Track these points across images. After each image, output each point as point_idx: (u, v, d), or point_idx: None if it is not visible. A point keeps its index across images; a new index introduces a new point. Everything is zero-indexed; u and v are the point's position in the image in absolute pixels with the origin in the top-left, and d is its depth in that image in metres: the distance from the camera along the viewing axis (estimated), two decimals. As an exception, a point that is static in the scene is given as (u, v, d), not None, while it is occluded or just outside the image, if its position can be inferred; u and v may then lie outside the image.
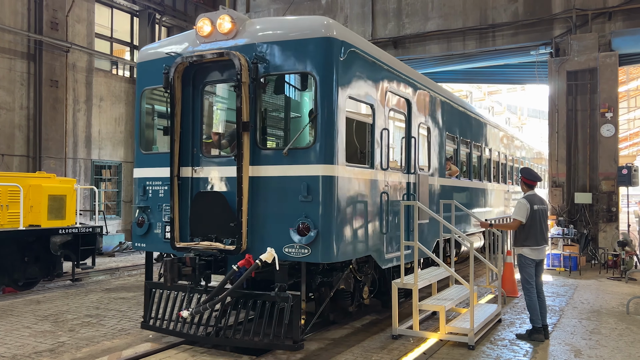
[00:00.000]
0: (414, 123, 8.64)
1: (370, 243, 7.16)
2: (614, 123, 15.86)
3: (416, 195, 8.55)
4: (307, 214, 6.18)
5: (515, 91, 43.18)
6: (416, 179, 8.61)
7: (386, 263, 7.69)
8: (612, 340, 7.41)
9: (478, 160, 13.21)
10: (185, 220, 6.97)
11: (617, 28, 15.97)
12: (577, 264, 14.10)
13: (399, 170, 8.24)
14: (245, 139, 6.47)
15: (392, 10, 19.01)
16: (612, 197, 15.84)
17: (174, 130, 6.92)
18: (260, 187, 6.50)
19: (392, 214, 7.81)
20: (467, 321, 7.14)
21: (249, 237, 6.49)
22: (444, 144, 10.25)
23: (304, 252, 6.19)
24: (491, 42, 17.72)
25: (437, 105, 9.97)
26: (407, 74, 8.60)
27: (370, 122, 7.32)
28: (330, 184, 6.25)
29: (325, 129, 6.26)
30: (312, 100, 6.43)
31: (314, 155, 6.28)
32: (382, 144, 7.49)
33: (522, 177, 7.82)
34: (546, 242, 7.77)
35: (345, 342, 7.21)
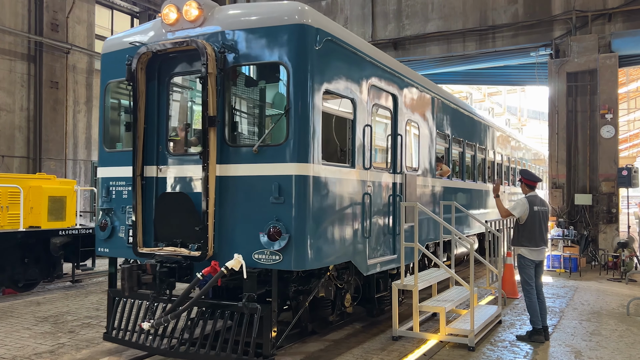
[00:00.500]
0: (400, 120, 8.15)
1: (350, 248, 6.65)
2: (614, 124, 15.86)
3: (403, 196, 8.02)
4: (278, 217, 5.69)
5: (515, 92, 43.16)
6: (403, 179, 8.08)
7: (369, 269, 7.12)
8: (612, 341, 7.41)
9: (472, 160, 12.67)
10: (149, 223, 6.47)
11: (617, 29, 15.98)
12: (577, 265, 14.10)
13: (384, 170, 7.73)
14: (211, 135, 5.96)
15: (392, 12, 19.02)
16: (612, 198, 15.84)
17: (137, 126, 6.40)
18: (229, 187, 6.03)
19: (376, 216, 7.31)
20: (468, 322, 7.14)
21: (216, 243, 6.02)
22: (435, 143, 9.77)
23: (275, 258, 5.71)
24: (491, 44, 17.73)
25: (427, 101, 9.48)
26: (393, 67, 8.07)
27: (351, 117, 6.81)
28: (304, 185, 5.75)
29: (299, 125, 5.76)
30: (285, 93, 5.89)
31: (286, 153, 5.78)
32: (364, 141, 7.00)
33: (522, 178, 7.83)
34: (545, 244, 7.77)
35: (345, 343, 7.21)
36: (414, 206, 7.73)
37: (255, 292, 5.75)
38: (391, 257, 7.72)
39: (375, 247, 7.34)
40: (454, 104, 11.19)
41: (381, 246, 7.51)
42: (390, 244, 7.77)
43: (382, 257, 7.48)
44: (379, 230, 7.44)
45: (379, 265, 7.41)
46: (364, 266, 7.01)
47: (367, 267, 7.09)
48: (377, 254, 7.39)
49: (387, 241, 7.68)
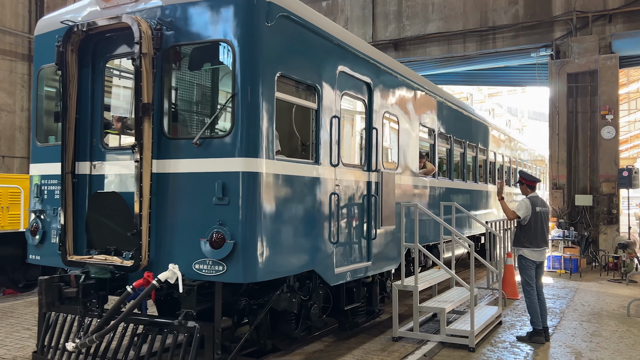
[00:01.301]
0: (376, 112, 7.36)
1: (313, 256, 5.91)
2: (615, 125, 15.86)
3: (378, 196, 7.23)
4: (222, 221, 4.97)
5: (516, 93, 43.21)
6: (379, 178, 7.31)
7: (336, 279, 6.37)
8: (612, 342, 7.40)
9: (461, 158, 11.76)
10: (81, 227, 5.74)
11: (617, 30, 15.98)
12: (578, 266, 14.09)
13: (357, 167, 7.02)
14: (146, 125, 5.20)
15: (392, 13, 19.03)
16: (613, 199, 15.84)
17: (67, 116, 5.62)
18: (168, 186, 5.29)
19: (346, 219, 6.61)
20: (468, 323, 7.13)
21: (153, 250, 5.27)
22: (417, 139, 8.96)
23: (218, 269, 4.98)
24: (491, 44, 17.74)
25: (409, 93, 8.67)
26: (367, 53, 7.30)
27: (314, 107, 6.03)
28: (253, 183, 5.04)
29: (247, 113, 5.03)
30: (231, 77, 5.17)
31: (232, 147, 5.05)
32: (331, 135, 6.26)
33: (522, 179, 7.83)
34: (547, 245, 7.77)
35: (345, 344, 7.20)
36: (415, 207, 7.72)
37: (194, 309, 5.01)
38: (365, 264, 7.00)
39: (345, 254, 6.61)
40: (440, 96, 10.33)
41: (353, 252, 6.78)
42: (364, 249, 7.06)
43: (353, 265, 6.73)
44: (349, 235, 6.72)
45: (350, 274, 6.63)
46: (330, 275, 6.23)
47: (334, 277, 6.32)
48: (348, 261, 6.65)
49: (360, 246, 6.98)
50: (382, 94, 7.63)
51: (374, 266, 7.18)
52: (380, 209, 7.21)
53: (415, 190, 8.81)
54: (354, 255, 6.83)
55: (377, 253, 7.27)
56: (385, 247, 7.51)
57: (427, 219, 8.80)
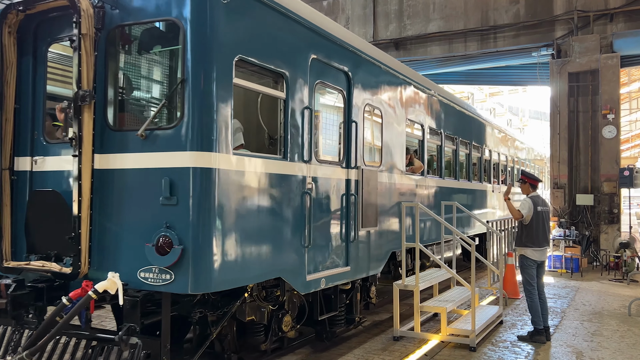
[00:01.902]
0: (356, 104, 6.87)
1: (280, 262, 5.40)
2: (616, 124, 15.85)
3: (359, 196, 6.75)
4: (170, 224, 4.46)
5: (517, 93, 43.17)
6: (359, 175, 6.82)
7: (308, 287, 5.84)
8: (613, 342, 7.40)
9: (454, 155, 11.18)
10: (21, 230, 5.20)
11: (618, 29, 15.97)
12: (579, 266, 14.08)
13: (334, 163, 6.49)
14: (86, 115, 4.66)
15: (393, 12, 19.02)
16: (614, 198, 15.83)
17: (3, 106, 5.11)
18: (113, 184, 4.78)
19: (321, 220, 6.13)
20: (469, 323, 7.13)
21: (95, 256, 4.75)
22: (404, 134, 8.40)
23: (165, 278, 4.45)
24: (492, 44, 17.72)
25: (394, 85, 8.11)
26: (345, 40, 6.76)
27: (282, 97, 5.49)
28: (205, 180, 4.52)
29: (199, 101, 4.52)
30: (181, 60, 4.63)
31: (181, 139, 4.53)
32: (303, 128, 5.74)
33: (524, 178, 7.83)
34: (548, 244, 7.77)
35: (346, 343, 7.21)
36: (417, 206, 7.72)
37: (138, 323, 4.56)
38: (343, 269, 6.50)
39: (320, 259, 6.09)
40: (430, 90, 9.71)
41: (329, 257, 6.25)
42: (342, 253, 6.55)
43: (329, 271, 6.21)
44: (325, 238, 6.19)
45: (325, 280, 6.09)
46: (300, 283, 5.72)
47: (306, 284, 5.78)
48: (323, 267, 6.14)
49: (337, 250, 6.44)
50: (363, 85, 7.10)
51: (353, 271, 6.70)
52: (360, 209, 6.74)
53: (401, 189, 8.26)
54: (331, 260, 6.28)
55: (357, 257, 6.83)
56: (366, 251, 7.07)
57: (421, 219, 8.49)
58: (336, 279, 6.41)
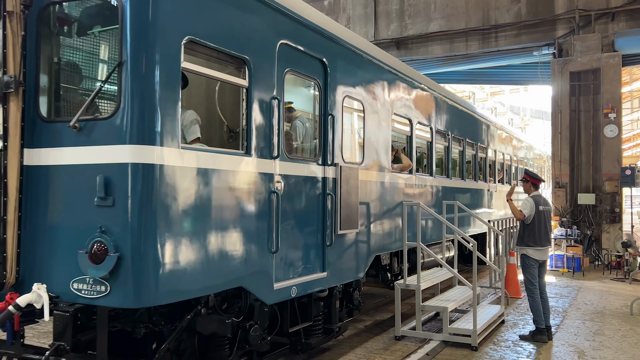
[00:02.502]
0: (334, 95, 6.29)
1: (241, 269, 4.83)
2: (617, 124, 15.84)
3: (336, 195, 6.18)
4: (105, 228, 3.92)
5: (518, 92, 43.13)
6: (337, 173, 6.24)
7: (276, 296, 5.26)
8: (615, 341, 7.39)
9: (446, 153, 10.58)
10: None
11: (620, 28, 15.95)
12: (581, 265, 14.07)
13: (308, 160, 5.98)
14: (12, 104, 4.13)
15: (394, 11, 19.02)
16: (616, 197, 15.81)
17: None
18: (46, 182, 4.24)
19: (291, 222, 5.55)
20: (470, 322, 7.13)
21: (24, 265, 4.21)
22: (390, 129, 7.83)
23: (100, 290, 3.92)
24: (494, 43, 17.71)
25: (379, 76, 7.55)
26: (321, 25, 6.15)
27: (244, 85, 4.92)
28: (147, 178, 3.95)
29: (138, 87, 3.96)
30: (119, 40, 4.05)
31: (118, 130, 3.96)
32: (270, 120, 5.18)
33: (528, 178, 7.82)
34: (549, 243, 7.78)
35: (348, 343, 7.21)
36: (418, 206, 7.70)
37: (69, 341, 4.11)
38: (318, 275, 5.93)
39: (290, 265, 5.54)
40: (419, 82, 9.08)
41: (301, 262, 5.69)
42: (317, 258, 5.97)
43: (302, 277, 5.64)
44: (296, 242, 5.62)
45: (296, 288, 5.53)
46: (266, 292, 5.15)
47: (273, 293, 5.24)
48: (294, 274, 5.57)
49: (311, 255, 5.87)
50: (342, 75, 6.54)
51: (331, 278, 6.13)
52: (338, 210, 6.16)
53: (387, 188, 7.67)
54: (303, 266, 5.72)
55: (335, 262, 6.24)
56: (346, 255, 6.52)
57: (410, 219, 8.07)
58: (310, 286, 5.79)
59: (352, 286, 7.01)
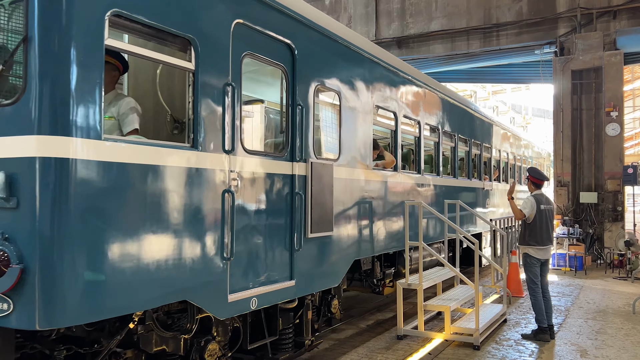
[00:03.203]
0: (303, 84, 5.64)
1: (184, 280, 4.15)
2: (619, 122, 15.82)
3: (306, 194, 5.59)
4: (8, 234, 3.33)
5: (520, 90, 43.12)
6: (307, 170, 5.65)
7: (230, 310, 4.62)
8: (618, 340, 7.38)
9: (435, 149, 9.91)
10: None
11: (622, 27, 15.92)
12: (583, 264, 14.05)
13: (272, 155, 5.34)
14: None
15: (395, 10, 19.01)
16: (618, 196, 15.79)
17: None
18: None
19: (251, 225, 4.91)
20: (472, 321, 7.12)
21: None
22: (371, 122, 7.27)
23: (2, 308, 3.35)
24: (495, 42, 17.69)
25: (358, 65, 6.95)
26: (287, 4, 5.45)
27: (190, 68, 4.27)
28: (60, 175, 3.34)
29: (48, 68, 3.35)
30: (24, 12, 3.42)
31: (24, 118, 3.35)
32: (223, 109, 4.54)
33: (529, 176, 7.81)
34: (551, 242, 7.76)
35: (350, 342, 7.21)
36: (420, 205, 7.69)
37: None
38: (284, 284, 5.27)
39: (250, 273, 4.89)
40: (405, 73, 8.39)
41: (264, 270, 5.06)
42: (284, 265, 5.33)
43: (264, 287, 5.01)
44: (257, 247, 4.99)
45: (256, 300, 4.89)
46: (217, 306, 4.50)
47: (228, 307, 4.59)
48: (254, 283, 4.92)
49: (276, 262, 5.23)
50: (314, 61, 5.90)
51: (300, 286, 5.51)
52: (309, 211, 5.57)
53: (367, 186, 7.07)
54: (267, 275, 5.09)
55: (306, 269, 5.63)
56: (318, 260, 5.89)
57: (389, 221, 7.56)
58: (275, 297, 5.19)
59: (331, 293, 6.57)
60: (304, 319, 5.99)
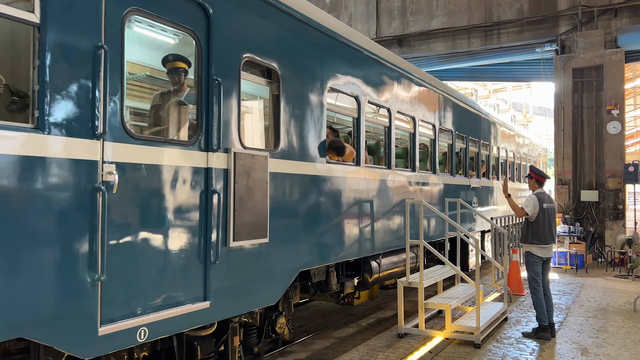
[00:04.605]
0: (223, 54, 4.57)
1: (24, 312, 3.12)
2: (620, 120, 15.81)
3: (228, 192, 4.53)
4: None
5: (521, 89, 43.05)
6: (229, 162, 4.57)
7: (101, 346, 3.54)
8: (619, 338, 7.38)
9: (411, 141, 8.72)
10: None
11: (623, 25, 15.90)
12: (584, 262, 14.05)
13: (175, 143, 4.27)
14: None
15: (396, 9, 18.99)
16: (619, 194, 15.79)
17: None
18: None
19: (136, 233, 3.83)
20: (473, 319, 7.13)
21: None
22: (324, 107, 6.10)
23: None
24: (496, 40, 17.68)
25: (305, 36, 5.82)
26: None
27: (34, 21, 3.24)
28: None
29: None
30: None
31: None
32: (93, 79, 3.52)
33: (531, 174, 7.79)
34: (554, 241, 7.75)
35: (351, 341, 7.22)
36: (421, 204, 7.68)
37: None
38: (195, 306, 4.21)
39: (136, 296, 3.80)
40: (370, 51, 7.34)
41: (159, 291, 3.96)
42: (194, 281, 4.26)
43: (160, 313, 3.92)
44: (148, 261, 3.89)
45: (146, 330, 3.83)
46: (80, 341, 3.42)
47: (96, 343, 3.50)
48: (144, 307, 3.84)
49: (180, 278, 4.13)
50: (239, 28, 4.83)
51: (218, 307, 4.44)
52: (231, 214, 4.52)
53: (319, 183, 6.00)
54: (165, 295, 4.01)
55: (227, 285, 4.54)
56: (246, 274, 4.79)
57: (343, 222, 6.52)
58: (179, 323, 4.11)
59: (276, 310, 5.64)
60: (229, 347, 4.96)
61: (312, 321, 8.48)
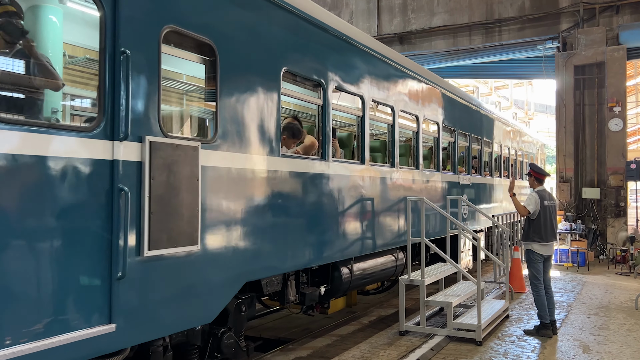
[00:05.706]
0: (134, 22, 3.79)
1: None
2: (622, 117, 15.78)
3: (141, 190, 3.74)
4: None
5: (522, 86, 43.00)
6: (143, 154, 3.78)
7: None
8: (620, 335, 7.38)
9: (390, 133, 7.93)
10: None
11: (624, 22, 15.87)
12: (585, 260, 14.05)
13: (67, 128, 3.46)
14: None
15: (397, 6, 18.96)
16: (621, 192, 15.77)
17: None
18: None
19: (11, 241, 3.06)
20: (475, 317, 7.13)
21: None
22: (278, 91, 5.30)
23: None
24: (497, 37, 17.65)
25: (254, 8, 5.03)
26: None
27: None
28: None
29: None
30: None
31: None
32: None
33: (531, 172, 7.79)
34: (555, 238, 7.75)
35: (352, 338, 7.22)
36: (421, 201, 7.67)
37: None
38: (95, 330, 3.44)
39: (6, 322, 3.02)
40: (335, 31, 6.41)
41: (39, 315, 3.18)
42: (94, 300, 3.49)
43: (41, 342, 3.14)
44: (20, 278, 3.09)
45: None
46: None
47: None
48: (15, 337, 3.04)
49: (73, 297, 3.36)
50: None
51: (128, 330, 3.68)
52: (145, 217, 3.75)
53: (270, 178, 5.17)
54: (50, 319, 3.23)
55: (140, 303, 3.79)
56: (167, 289, 4.01)
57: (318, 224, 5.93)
58: (69, 353, 3.29)
59: (225, 326, 4.88)
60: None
61: (312, 321, 8.49)
